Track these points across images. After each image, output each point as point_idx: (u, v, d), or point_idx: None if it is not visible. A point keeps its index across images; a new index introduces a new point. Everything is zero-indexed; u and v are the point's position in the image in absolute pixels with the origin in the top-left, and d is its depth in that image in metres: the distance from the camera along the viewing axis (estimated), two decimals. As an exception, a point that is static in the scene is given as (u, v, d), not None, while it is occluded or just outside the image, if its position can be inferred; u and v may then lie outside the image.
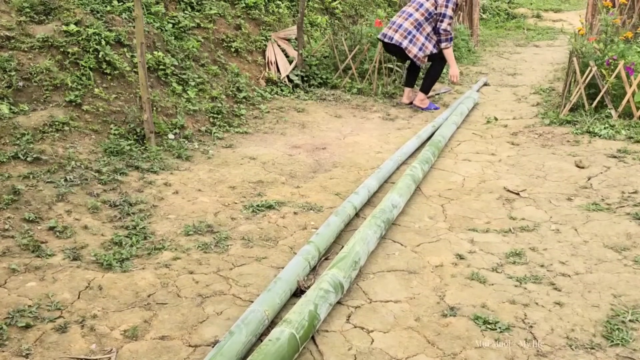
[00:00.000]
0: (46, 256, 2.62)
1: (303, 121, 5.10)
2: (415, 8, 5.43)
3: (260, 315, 2.11)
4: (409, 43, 5.38)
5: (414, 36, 5.36)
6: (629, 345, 2.09)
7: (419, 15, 5.37)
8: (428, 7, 5.37)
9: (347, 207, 3.09)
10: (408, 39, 5.37)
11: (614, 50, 5.15)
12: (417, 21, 5.37)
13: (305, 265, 2.51)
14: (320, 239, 2.73)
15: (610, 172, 3.85)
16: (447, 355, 2.06)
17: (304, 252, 2.59)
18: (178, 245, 2.83)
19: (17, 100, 3.70)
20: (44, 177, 3.22)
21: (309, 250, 2.61)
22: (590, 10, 8.24)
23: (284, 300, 2.30)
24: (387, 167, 3.80)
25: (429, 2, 5.38)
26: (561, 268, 2.66)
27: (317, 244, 2.67)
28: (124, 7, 4.80)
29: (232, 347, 1.92)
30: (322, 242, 2.72)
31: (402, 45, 5.40)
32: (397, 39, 5.40)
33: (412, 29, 5.36)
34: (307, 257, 2.55)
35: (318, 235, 2.76)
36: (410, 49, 5.39)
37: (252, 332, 2.02)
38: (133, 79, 4.35)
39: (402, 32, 5.38)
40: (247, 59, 5.88)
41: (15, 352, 2.00)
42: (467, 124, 5.23)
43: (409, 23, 5.38)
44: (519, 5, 13.62)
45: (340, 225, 2.95)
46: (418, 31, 5.36)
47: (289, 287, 2.35)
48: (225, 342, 1.94)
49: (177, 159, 3.95)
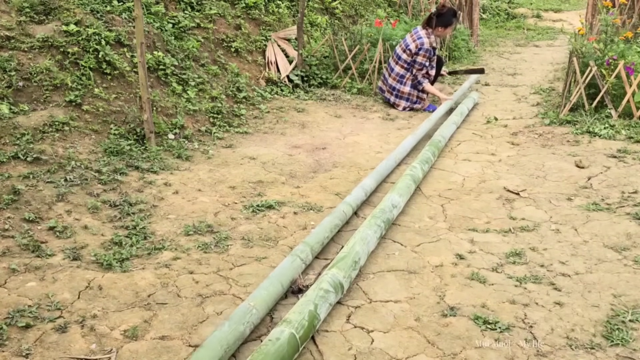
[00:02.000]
0: (46, 256, 2.62)
1: (303, 121, 5.10)
2: (395, 61, 5.75)
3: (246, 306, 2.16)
4: (396, 98, 5.74)
5: (399, 90, 5.71)
6: (629, 345, 2.09)
7: (399, 69, 5.69)
8: (405, 58, 5.66)
9: (341, 207, 3.10)
10: (394, 95, 5.75)
11: (614, 50, 5.15)
12: (399, 75, 5.70)
13: (293, 259, 2.54)
14: (312, 238, 2.75)
15: (610, 172, 3.85)
16: (447, 355, 2.06)
17: (296, 251, 2.60)
18: (178, 245, 2.83)
19: (17, 100, 3.70)
20: (44, 177, 3.22)
21: (302, 249, 2.62)
22: (590, 10, 8.24)
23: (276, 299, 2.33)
24: (385, 166, 3.80)
25: (405, 54, 5.65)
26: (561, 268, 2.66)
27: (309, 243, 2.69)
28: (124, 7, 4.80)
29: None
30: (313, 241, 2.73)
31: (391, 102, 5.77)
32: (387, 96, 5.81)
33: (395, 84, 5.71)
34: (299, 255, 2.57)
35: (311, 235, 2.78)
36: (397, 103, 5.73)
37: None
38: (133, 79, 4.35)
39: (388, 89, 5.78)
40: (247, 59, 5.88)
41: (15, 352, 2.00)
42: (467, 124, 5.23)
43: (392, 79, 5.74)
44: (519, 5, 13.62)
45: (336, 222, 2.96)
46: (402, 84, 5.69)
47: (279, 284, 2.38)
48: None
49: (177, 159, 3.95)
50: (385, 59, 6.20)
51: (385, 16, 7.94)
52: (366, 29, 6.66)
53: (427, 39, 5.53)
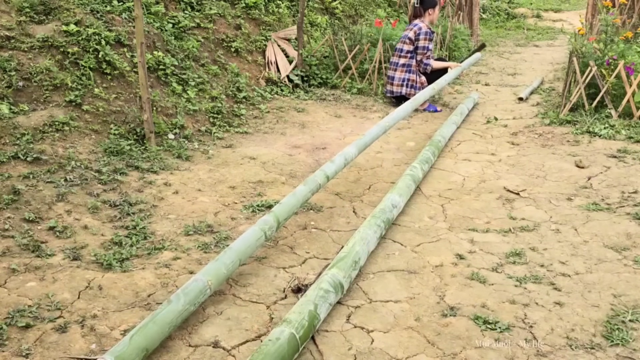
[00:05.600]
0: (46, 256, 2.62)
1: (303, 121, 5.10)
2: (399, 55, 5.83)
3: (202, 284, 2.18)
4: (408, 88, 5.77)
5: (408, 80, 5.77)
6: (629, 345, 2.09)
7: (404, 60, 5.78)
8: (408, 49, 5.77)
9: (317, 176, 3.10)
10: (405, 86, 5.78)
11: (614, 50, 5.16)
12: (404, 65, 5.77)
13: (260, 235, 2.56)
14: (282, 208, 2.76)
15: (610, 172, 3.85)
16: (447, 355, 2.06)
17: (261, 223, 2.62)
18: (178, 245, 2.83)
19: (17, 100, 3.70)
20: (44, 177, 3.22)
21: (266, 221, 2.63)
22: (590, 10, 8.24)
23: (232, 270, 2.36)
24: (370, 134, 3.79)
25: (406, 45, 5.76)
26: (561, 268, 2.66)
27: (277, 214, 2.70)
28: (124, 7, 4.80)
29: (167, 315, 2.02)
30: (283, 212, 2.75)
31: (403, 94, 5.77)
32: (397, 90, 5.81)
33: (404, 76, 5.78)
34: (263, 228, 2.59)
35: (281, 204, 2.79)
36: (410, 92, 5.74)
37: (190, 302, 2.12)
38: (133, 79, 4.35)
39: (397, 83, 5.81)
40: (247, 59, 5.88)
41: (15, 352, 2.00)
42: (467, 124, 5.23)
43: (399, 72, 5.79)
44: (519, 5, 13.63)
45: (308, 195, 2.98)
46: (410, 73, 5.77)
47: (239, 257, 2.41)
48: (160, 310, 2.02)
49: (177, 159, 3.95)
50: (385, 59, 6.20)
51: (385, 16, 7.94)
52: (366, 29, 6.66)
53: (423, 24, 5.72)
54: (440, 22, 8.02)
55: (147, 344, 1.93)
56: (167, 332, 2.03)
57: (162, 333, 2.00)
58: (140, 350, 1.89)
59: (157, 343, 1.99)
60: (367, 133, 3.76)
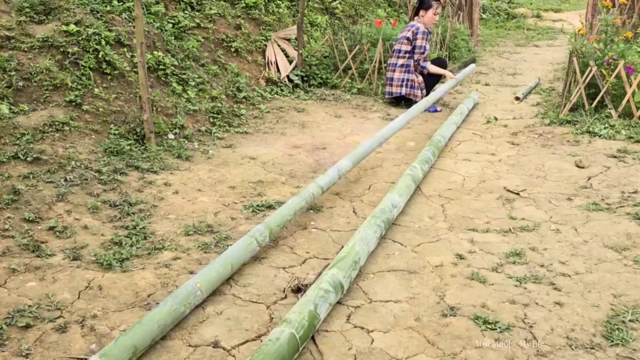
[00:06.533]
0: (46, 256, 2.62)
1: (303, 121, 5.10)
2: (397, 56, 5.85)
3: (190, 287, 2.23)
4: (408, 89, 5.80)
5: (407, 80, 5.79)
6: (629, 345, 2.09)
7: (403, 61, 5.80)
8: (405, 49, 5.80)
9: (311, 188, 3.15)
10: (405, 86, 5.79)
11: (614, 50, 5.15)
12: (403, 66, 5.79)
13: (251, 241, 2.60)
14: (273, 219, 2.80)
15: (610, 172, 3.85)
16: (447, 355, 2.06)
17: (254, 232, 2.66)
18: (178, 245, 2.83)
19: (17, 100, 3.70)
20: (44, 177, 3.22)
21: (260, 230, 2.67)
22: (590, 10, 8.24)
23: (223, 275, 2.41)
24: (363, 148, 3.80)
25: (404, 45, 5.78)
26: (561, 268, 2.66)
27: (269, 224, 2.74)
28: (124, 7, 4.80)
29: (154, 315, 2.05)
30: (275, 222, 2.79)
31: (402, 94, 5.79)
32: (396, 91, 5.82)
33: (403, 76, 5.80)
34: (254, 235, 2.63)
35: (274, 215, 2.85)
36: (410, 92, 5.79)
37: (179, 303, 2.16)
38: (133, 79, 4.35)
39: (397, 83, 5.82)
40: (247, 59, 5.88)
41: (15, 352, 2.00)
42: (467, 124, 5.23)
43: (398, 72, 5.81)
44: (519, 5, 13.63)
45: (302, 203, 3.02)
46: (409, 73, 5.80)
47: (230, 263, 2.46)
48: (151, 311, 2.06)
49: (177, 159, 3.95)
50: (385, 59, 6.20)
51: (385, 16, 7.94)
52: (366, 29, 6.66)
53: (420, 24, 5.76)
54: (440, 22, 8.01)
55: (136, 342, 1.94)
56: (157, 330, 2.03)
57: (152, 332, 2.00)
58: (128, 348, 1.91)
59: (148, 342, 1.99)
60: (362, 145, 3.78)
